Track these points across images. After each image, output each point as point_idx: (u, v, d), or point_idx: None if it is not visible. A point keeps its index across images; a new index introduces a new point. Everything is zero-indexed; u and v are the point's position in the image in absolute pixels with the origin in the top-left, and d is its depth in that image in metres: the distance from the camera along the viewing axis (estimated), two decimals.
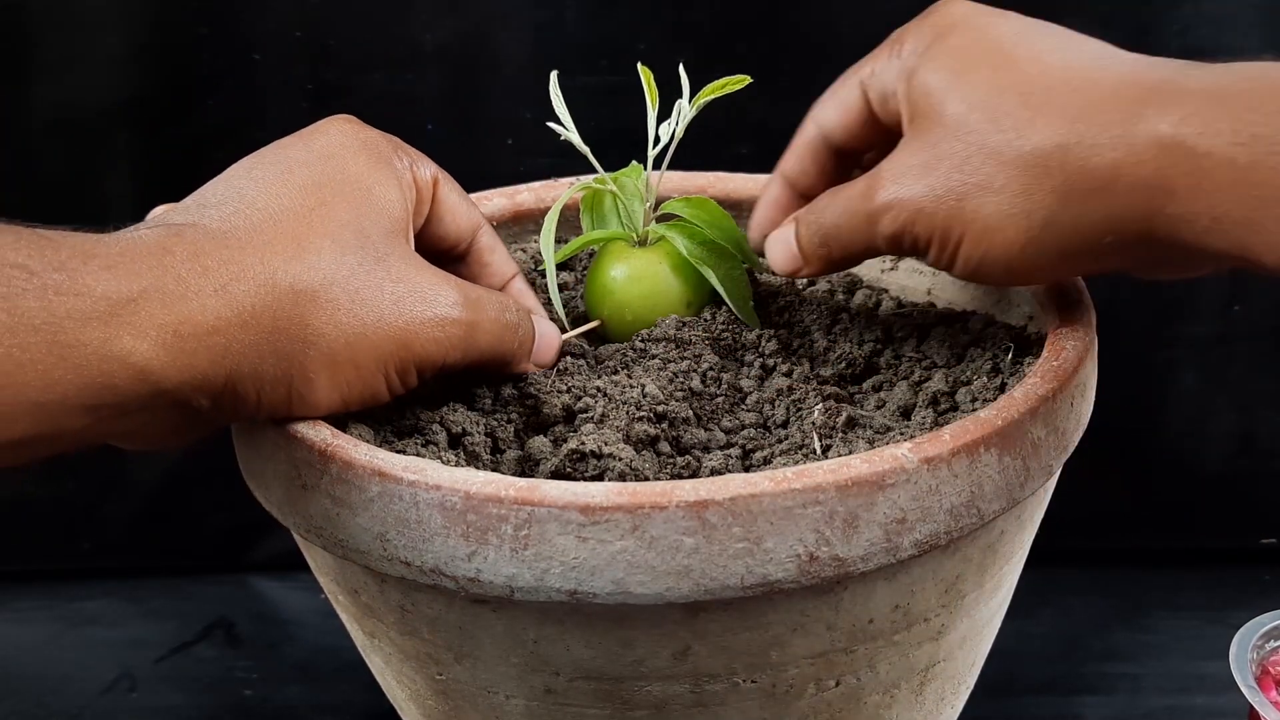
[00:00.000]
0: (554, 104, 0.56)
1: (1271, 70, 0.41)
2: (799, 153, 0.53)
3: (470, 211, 0.52)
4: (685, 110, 0.55)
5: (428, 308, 0.45)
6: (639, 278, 0.55)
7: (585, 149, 0.56)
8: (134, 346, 0.39)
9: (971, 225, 0.45)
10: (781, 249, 0.51)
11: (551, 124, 0.56)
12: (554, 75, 0.56)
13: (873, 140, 0.51)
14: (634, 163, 0.57)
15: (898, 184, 0.46)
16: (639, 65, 0.55)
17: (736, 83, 0.55)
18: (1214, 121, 0.40)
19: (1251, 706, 0.53)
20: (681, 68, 0.55)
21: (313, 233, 0.44)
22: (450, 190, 0.51)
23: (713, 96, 0.55)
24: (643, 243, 0.56)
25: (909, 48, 0.48)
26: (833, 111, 0.51)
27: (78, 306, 0.38)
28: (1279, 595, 0.78)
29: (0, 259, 0.37)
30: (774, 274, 0.54)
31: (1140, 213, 0.42)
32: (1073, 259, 0.45)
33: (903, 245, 0.47)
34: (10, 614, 0.80)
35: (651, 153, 0.56)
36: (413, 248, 0.48)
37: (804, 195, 0.53)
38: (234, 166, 0.47)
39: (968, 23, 0.47)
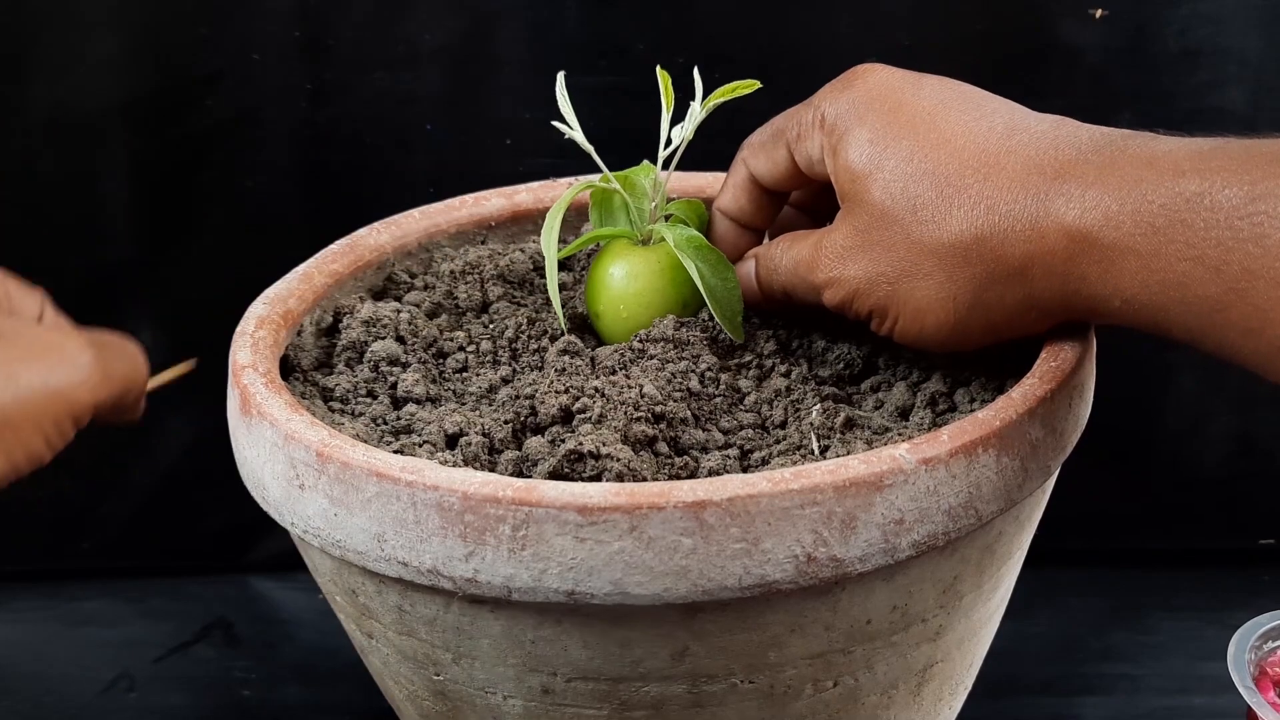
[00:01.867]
0: (559, 103, 0.55)
1: (1160, 151, 0.43)
2: (733, 192, 0.56)
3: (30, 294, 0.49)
4: (696, 113, 0.55)
5: (69, 369, 0.44)
6: (636, 275, 0.55)
7: (589, 148, 0.55)
8: None
9: (905, 307, 0.48)
10: (745, 283, 0.54)
11: (556, 123, 0.56)
12: (560, 76, 0.56)
13: (802, 185, 0.54)
14: (645, 161, 0.57)
15: (837, 264, 0.49)
16: (658, 69, 0.55)
17: (746, 87, 0.55)
18: (1116, 213, 0.43)
19: (1249, 707, 0.53)
20: (696, 72, 0.55)
21: None
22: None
23: (722, 100, 0.55)
24: (646, 242, 0.56)
25: (830, 118, 0.50)
26: (763, 164, 0.54)
27: None
28: (1277, 596, 0.78)
29: None
30: None
31: (1057, 293, 0.45)
32: (1002, 330, 0.48)
33: (846, 314, 0.50)
34: (8, 614, 0.80)
35: (663, 154, 0.56)
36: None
37: (746, 226, 0.56)
38: None
39: (884, 98, 0.49)
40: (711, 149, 0.58)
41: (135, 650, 0.77)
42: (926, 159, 0.47)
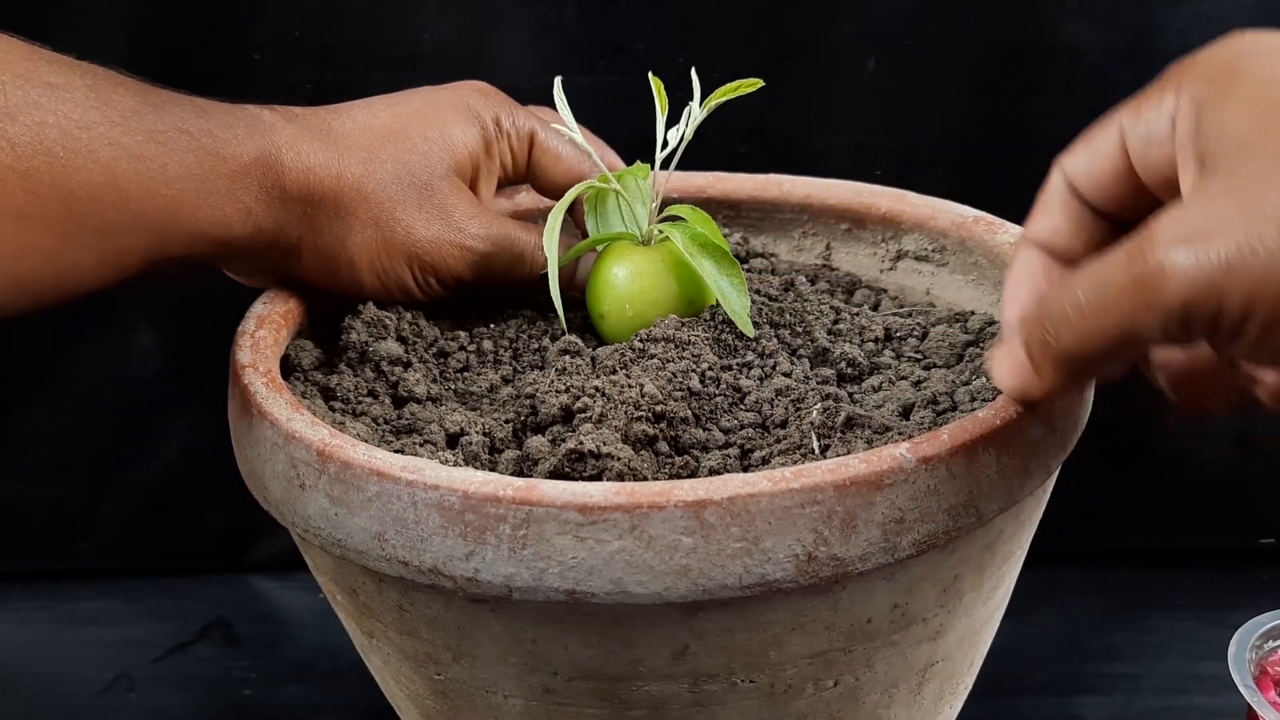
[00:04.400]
0: (558, 106, 0.56)
1: None
2: (1047, 208, 0.43)
3: (577, 160, 0.59)
4: (696, 113, 0.55)
5: (452, 234, 0.55)
6: (640, 274, 0.55)
7: (589, 148, 0.56)
8: (244, 198, 0.50)
9: None
10: (1007, 364, 0.40)
11: (556, 126, 0.56)
12: (558, 80, 0.56)
13: (1128, 202, 0.41)
14: (639, 162, 0.57)
15: (1192, 239, 0.34)
16: (650, 75, 0.55)
17: (749, 86, 0.55)
18: None
19: (1250, 706, 0.53)
20: (694, 72, 0.55)
21: (386, 151, 0.54)
22: (554, 142, 0.58)
23: (724, 99, 0.55)
24: (647, 242, 0.56)
25: (1189, 91, 0.38)
26: (1082, 157, 0.42)
27: (218, 166, 0.50)
28: (1277, 595, 0.78)
29: (174, 125, 0.49)
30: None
31: None
32: None
33: (1193, 323, 0.34)
34: (9, 614, 0.80)
35: (659, 155, 0.56)
36: (481, 191, 0.57)
37: (1061, 257, 0.43)
38: (376, 96, 0.58)
39: (1262, 64, 0.38)
40: (711, 149, 0.58)
41: (135, 650, 0.77)
42: None
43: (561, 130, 0.57)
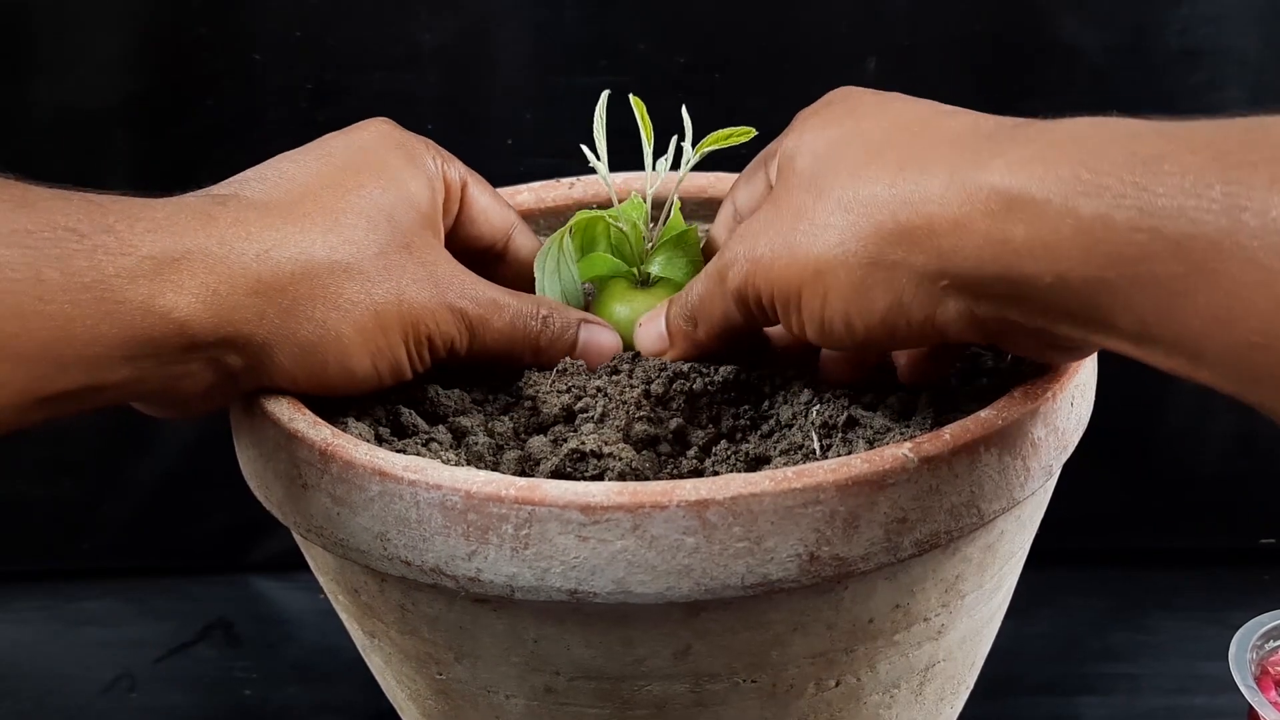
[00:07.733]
0: (595, 133, 0.55)
1: (1110, 120, 0.38)
2: (720, 232, 0.54)
3: (503, 213, 0.55)
4: (688, 155, 0.54)
5: (443, 294, 0.48)
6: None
7: (609, 181, 0.55)
8: (176, 302, 0.42)
9: (804, 270, 0.43)
10: (650, 331, 0.52)
11: (584, 147, 0.55)
12: (603, 96, 0.54)
13: None
14: (634, 196, 0.56)
15: (742, 241, 0.46)
16: (631, 97, 0.54)
17: (741, 135, 0.54)
18: (1054, 164, 0.37)
19: (1251, 706, 0.53)
20: (684, 110, 0.54)
21: (349, 210, 0.47)
22: (481, 192, 0.54)
23: (715, 148, 0.54)
24: (644, 281, 0.55)
25: (793, 124, 0.48)
26: (743, 195, 0.52)
27: (124, 265, 0.41)
28: (1278, 595, 0.78)
29: (53, 222, 0.40)
30: None
31: (973, 260, 0.39)
32: (911, 308, 0.42)
33: (749, 304, 0.46)
34: (9, 614, 0.80)
35: (650, 189, 0.55)
36: (441, 242, 0.51)
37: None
38: (278, 155, 0.49)
39: (840, 99, 0.48)
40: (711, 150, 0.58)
41: (136, 650, 0.77)
42: (859, 127, 0.45)
43: (591, 157, 0.55)
